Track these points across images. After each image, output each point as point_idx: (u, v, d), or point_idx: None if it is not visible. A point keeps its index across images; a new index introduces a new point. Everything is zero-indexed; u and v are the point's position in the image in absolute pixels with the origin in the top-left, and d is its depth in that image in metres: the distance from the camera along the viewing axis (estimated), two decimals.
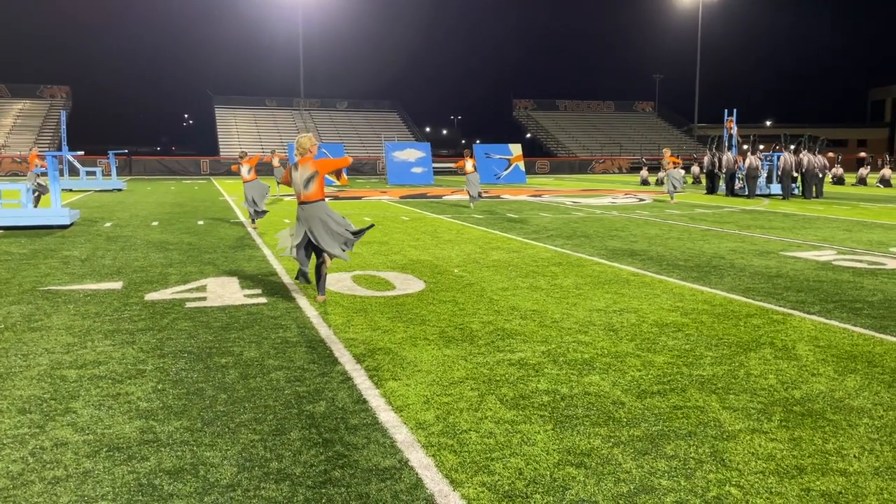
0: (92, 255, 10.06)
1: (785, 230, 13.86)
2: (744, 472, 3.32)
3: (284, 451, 3.54)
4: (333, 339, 5.57)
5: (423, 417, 3.98)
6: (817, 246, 11.38)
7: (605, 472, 3.32)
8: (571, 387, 4.50)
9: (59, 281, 8.06)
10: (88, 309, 6.62)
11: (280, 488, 3.15)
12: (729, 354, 5.22)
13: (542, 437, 3.72)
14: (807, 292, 7.49)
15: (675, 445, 3.62)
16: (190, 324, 6.05)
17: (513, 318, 6.31)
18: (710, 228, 14.08)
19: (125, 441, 3.65)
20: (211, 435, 3.73)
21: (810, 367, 4.93)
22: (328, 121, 61.87)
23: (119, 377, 4.66)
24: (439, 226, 14.42)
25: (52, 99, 58.41)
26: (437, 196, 24.82)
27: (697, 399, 4.29)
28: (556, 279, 8.24)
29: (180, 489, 3.14)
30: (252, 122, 59.69)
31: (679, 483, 3.21)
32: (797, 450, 3.57)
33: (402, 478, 3.25)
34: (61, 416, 3.98)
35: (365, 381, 4.59)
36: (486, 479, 3.25)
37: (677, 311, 6.61)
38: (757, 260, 9.81)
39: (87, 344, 5.44)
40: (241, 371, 4.78)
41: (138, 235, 12.59)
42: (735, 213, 18.10)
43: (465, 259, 9.79)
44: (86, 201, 21.73)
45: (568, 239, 12.19)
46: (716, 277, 8.40)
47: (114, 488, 3.15)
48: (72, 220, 14.09)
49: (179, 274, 8.55)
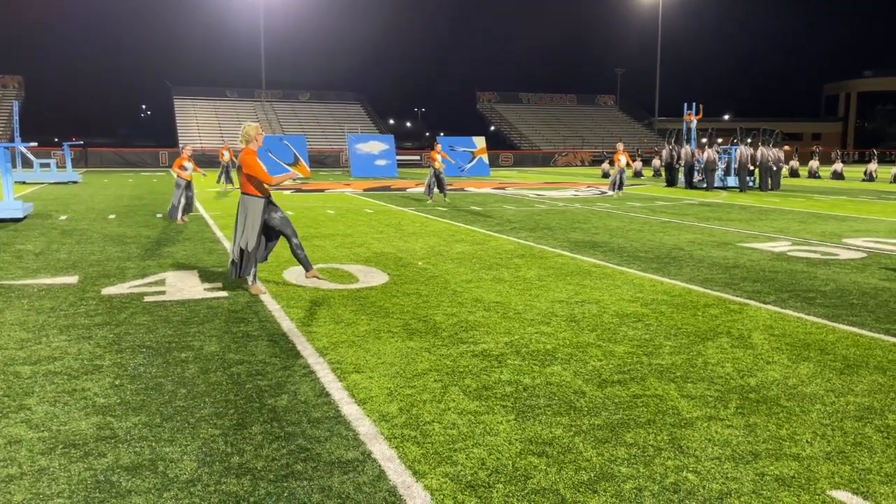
0: (46, 249, 9.82)
1: (742, 222, 14.14)
2: (700, 459, 3.39)
3: (246, 445, 3.51)
4: (296, 333, 5.53)
5: (386, 409, 3.97)
6: (773, 237, 11.65)
7: (567, 460, 3.36)
8: (534, 377, 4.54)
9: (12, 275, 7.84)
10: (43, 304, 6.46)
11: (241, 483, 3.12)
12: (687, 344, 5.32)
13: (505, 427, 3.75)
14: (763, 282, 7.66)
15: (635, 433, 3.68)
16: (148, 318, 5.95)
17: (476, 309, 6.34)
18: (669, 220, 14.31)
19: (81, 437, 3.58)
20: (170, 430, 3.68)
21: (765, 355, 5.05)
22: (291, 112, 61.19)
23: (75, 373, 4.56)
24: (403, 218, 14.39)
25: (3, 89, 56.68)
26: (401, 189, 24.76)
27: (656, 388, 4.36)
28: (520, 271, 8.30)
29: (139, 485, 3.09)
30: (212, 113, 58.70)
31: (638, 470, 3.27)
32: (752, 436, 3.66)
33: (365, 470, 3.25)
34: (15, 413, 3.88)
35: (328, 374, 4.57)
36: (450, 469, 3.26)
37: (637, 301, 6.71)
38: (715, 251, 10.00)
39: (41, 339, 5.31)
40: (202, 365, 4.72)
41: (95, 229, 12.32)
42: (694, 205, 18.40)
43: (429, 251, 9.79)
44: (40, 194, 21.18)
45: (531, 231, 12.27)
46: (675, 268, 8.54)
47: (70, 485, 3.09)
48: (25, 214, 13.72)
49: (137, 268, 8.39)
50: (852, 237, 11.78)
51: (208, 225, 13.05)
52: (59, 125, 69.91)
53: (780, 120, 72.82)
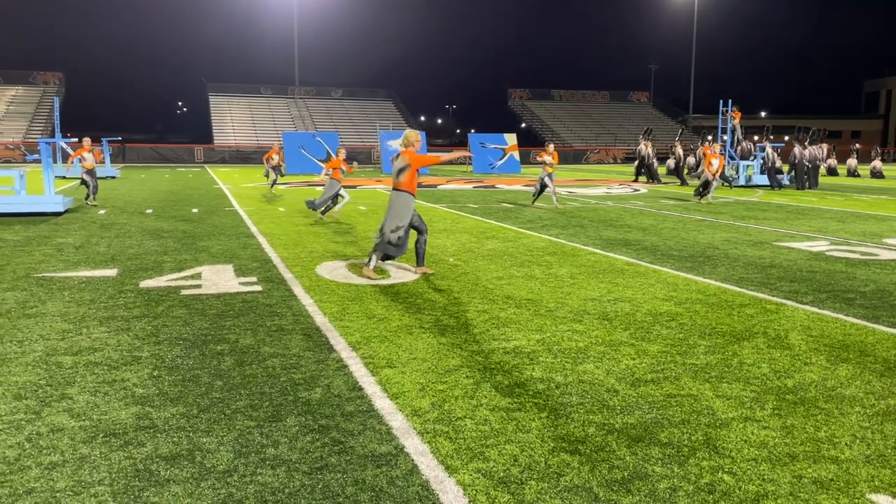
0: (86, 243, 10.03)
1: (779, 221, 13.90)
2: (736, 460, 3.35)
3: (280, 437, 3.55)
4: (329, 327, 5.58)
5: (418, 405, 3.99)
6: (811, 237, 11.43)
7: (600, 459, 3.35)
8: (566, 375, 4.52)
9: (54, 268, 8.04)
10: (83, 296, 6.61)
11: (276, 474, 3.17)
12: (722, 343, 5.25)
13: (537, 424, 3.74)
14: (800, 282, 7.53)
15: (669, 433, 3.64)
16: (185, 311, 6.05)
17: (508, 306, 6.33)
18: (704, 219, 14.12)
19: (121, 427, 3.66)
20: (207, 421, 3.74)
21: (803, 356, 4.96)
22: (323, 109, 61.62)
23: (115, 364, 4.66)
24: (434, 215, 14.42)
25: (45, 85, 57.98)
26: (432, 185, 24.79)
27: (691, 387, 4.32)
28: (551, 268, 8.26)
29: (177, 475, 3.15)
30: (247, 109, 59.39)
31: (672, 470, 3.24)
32: (789, 437, 3.61)
33: (398, 464, 3.27)
34: (57, 403, 3.98)
35: (360, 368, 4.61)
36: (482, 465, 3.27)
37: (671, 300, 6.64)
38: (751, 250, 9.85)
39: (82, 331, 5.44)
40: (237, 358, 4.79)
41: (133, 223, 12.55)
42: (729, 203, 18.14)
43: (460, 248, 9.80)
44: (80, 189, 21.63)
45: (563, 229, 12.21)
46: (710, 267, 8.43)
47: (110, 473, 3.16)
48: (65, 208, 14.03)
49: (174, 261, 8.54)
50: (893, 237, 11.51)
51: (243, 220, 13.22)
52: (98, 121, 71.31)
53: (818, 117, 71.37)
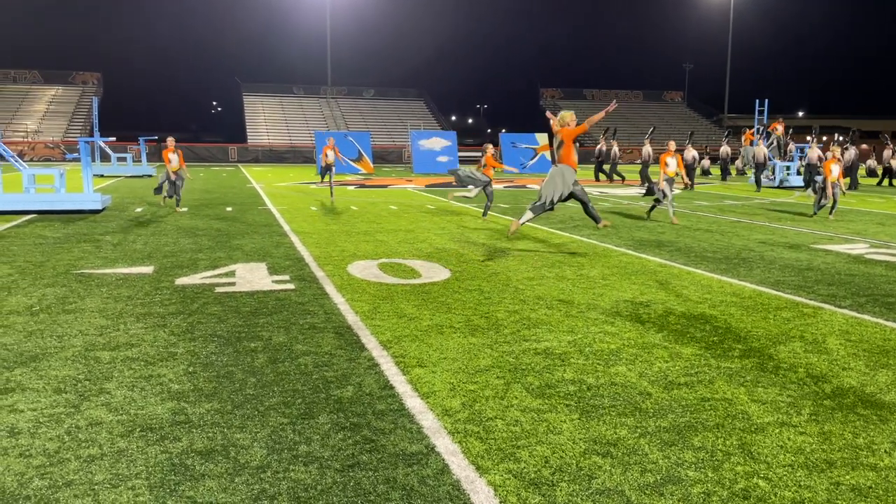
0: (123, 240, 10.22)
1: (816, 223, 13.64)
2: (772, 465, 3.30)
3: (313, 434, 3.59)
4: (360, 326, 5.62)
5: (449, 404, 4.00)
6: (849, 239, 11.20)
7: (632, 462, 3.32)
8: (598, 377, 4.49)
9: (92, 264, 8.20)
10: (121, 292, 6.74)
11: (309, 470, 3.20)
12: (758, 347, 5.17)
13: (569, 425, 3.73)
14: (838, 286, 7.38)
15: (703, 437, 3.60)
16: (219, 308, 6.14)
17: (538, 307, 6.31)
18: (739, 220, 13.91)
19: (158, 422, 3.72)
20: (241, 417, 3.79)
21: (841, 361, 4.87)
22: (354, 109, 62.00)
23: (151, 359, 4.75)
24: (465, 214, 14.42)
25: (83, 85, 59.22)
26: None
27: (725, 391, 4.26)
28: (583, 269, 8.21)
29: (212, 469, 3.20)
30: (279, 109, 60.00)
31: (706, 474, 3.20)
32: (827, 444, 3.54)
33: (429, 463, 3.28)
34: (95, 397, 4.07)
35: (391, 367, 4.63)
36: (513, 466, 3.26)
37: (705, 302, 6.56)
38: (787, 253, 9.68)
39: (119, 326, 5.55)
40: (270, 355, 4.85)
41: (168, 221, 12.76)
42: (765, 205, 17.85)
43: (491, 248, 9.78)
44: (117, 187, 22.06)
45: (594, 229, 12.12)
46: (745, 270, 8.31)
47: (147, 467, 3.22)
48: (103, 206, 14.32)
49: (209, 259, 8.66)
50: None
51: (276, 219, 13.36)
52: (135, 120, 72.59)
53: (857, 117, 69.83)
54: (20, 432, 3.57)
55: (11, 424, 3.67)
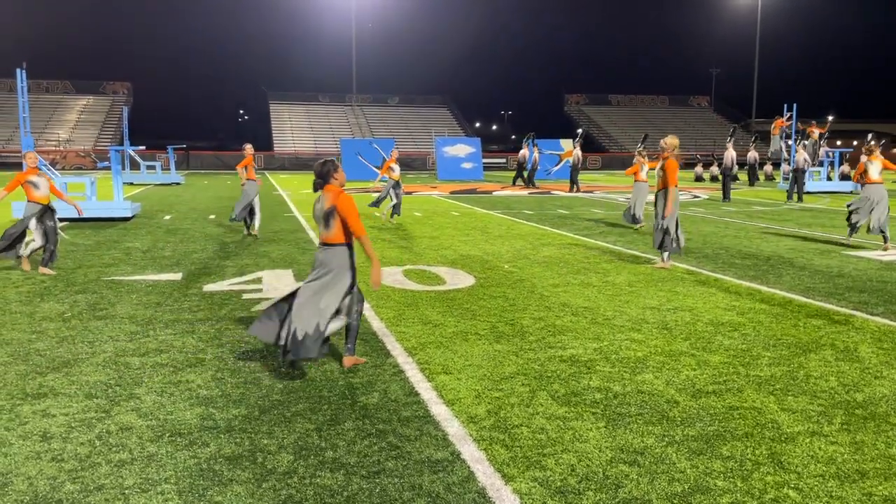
0: (153, 247, 10.37)
1: (847, 228, 13.40)
2: (802, 475, 3.25)
3: (339, 440, 3.60)
4: (385, 333, 5.64)
5: (474, 411, 4.00)
6: (882, 245, 10.99)
7: (659, 471, 3.29)
8: (624, 385, 4.46)
9: (123, 271, 8.33)
10: (150, 299, 6.84)
11: (335, 476, 3.21)
12: (787, 355, 5.10)
13: (595, 434, 3.70)
14: (870, 293, 7.25)
15: (732, 446, 3.56)
16: (247, 314, 6.20)
17: (564, 314, 6.28)
18: (768, 226, 13.74)
19: (186, 427, 3.77)
20: (268, 423, 3.82)
21: (873, 369, 4.78)
22: (379, 116, 62.30)
23: (180, 365, 4.81)
24: (489, 221, 14.41)
25: (114, 95, 60.22)
26: (487, 191, 24.79)
27: (754, 400, 4.20)
28: (609, 276, 8.16)
29: (239, 475, 3.23)
30: (305, 117, 60.50)
31: (735, 484, 3.16)
32: (859, 454, 3.48)
33: (455, 470, 3.28)
34: (126, 402, 4.13)
35: (416, 374, 4.64)
36: (538, 474, 3.25)
37: (733, 310, 6.48)
38: (818, 259, 9.54)
39: (149, 332, 5.63)
40: (296, 362, 4.88)
41: (196, 228, 12.92)
42: (794, 210, 17.60)
43: (516, 255, 9.76)
44: (146, 195, 22.38)
45: (620, 236, 12.05)
46: (774, 277, 8.20)
47: (176, 472, 3.26)
48: (133, 213, 14.54)
49: (236, 266, 8.75)
50: None
51: (302, 226, 13.46)
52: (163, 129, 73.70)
53: (887, 121, 68.61)
54: (53, 437, 3.64)
55: (44, 429, 3.74)
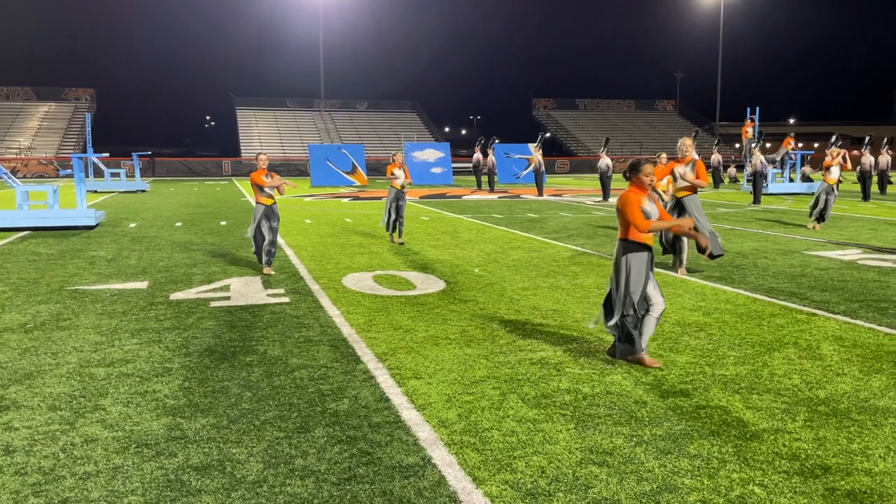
0: (118, 256, 10.21)
1: (809, 229, 13.70)
2: (767, 472, 3.31)
3: (309, 448, 3.58)
4: (356, 338, 5.62)
5: (445, 416, 4.00)
6: (842, 245, 11.25)
7: (628, 471, 3.33)
8: (593, 386, 4.50)
9: (86, 281, 8.19)
10: (115, 308, 6.73)
11: (305, 485, 3.19)
12: (752, 354, 5.19)
13: (565, 435, 3.73)
14: (831, 291, 7.42)
15: (699, 445, 3.61)
16: (214, 323, 6.13)
17: (534, 317, 6.32)
18: (732, 228, 13.97)
19: (153, 438, 3.71)
20: (237, 432, 3.78)
21: (835, 366, 4.89)
22: (348, 122, 62.10)
23: (146, 375, 4.74)
24: (459, 225, 14.45)
25: (76, 101, 59.14)
26: (457, 196, 24.84)
27: (720, 399, 4.27)
28: (577, 279, 8.23)
29: (208, 485, 3.19)
30: (273, 123, 60.05)
31: (702, 482, 3.21)
32: (822, 449, 3.55)
33: (426, 475, 3.28)
34: (91, 413, 4.06)
35: (387, 379, 4.63)
36: (509, 477, 3.27)
37: (699, 310, 6.58)
38: (780, 259, 9.73)
39: (114, 342, 5.54)
40: (266, 369, 4.84)
41: (162, 236, 12.75)
42: (758, 212, 17.93)
43: (486, 259, 9.80)
44: (111, 202, 22.02)
45: (589, 238, 12.16)
46: (738, 277, 8.34)
47: (143, 484, 3.21)
48: (97, 221, 14.29)
49: (203, 274, 8.65)
50: None
51: None
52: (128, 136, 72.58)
53: (847, 123, 70.30)
54: (15, 450, 3.56)
55: (7, 442, 3.66)
